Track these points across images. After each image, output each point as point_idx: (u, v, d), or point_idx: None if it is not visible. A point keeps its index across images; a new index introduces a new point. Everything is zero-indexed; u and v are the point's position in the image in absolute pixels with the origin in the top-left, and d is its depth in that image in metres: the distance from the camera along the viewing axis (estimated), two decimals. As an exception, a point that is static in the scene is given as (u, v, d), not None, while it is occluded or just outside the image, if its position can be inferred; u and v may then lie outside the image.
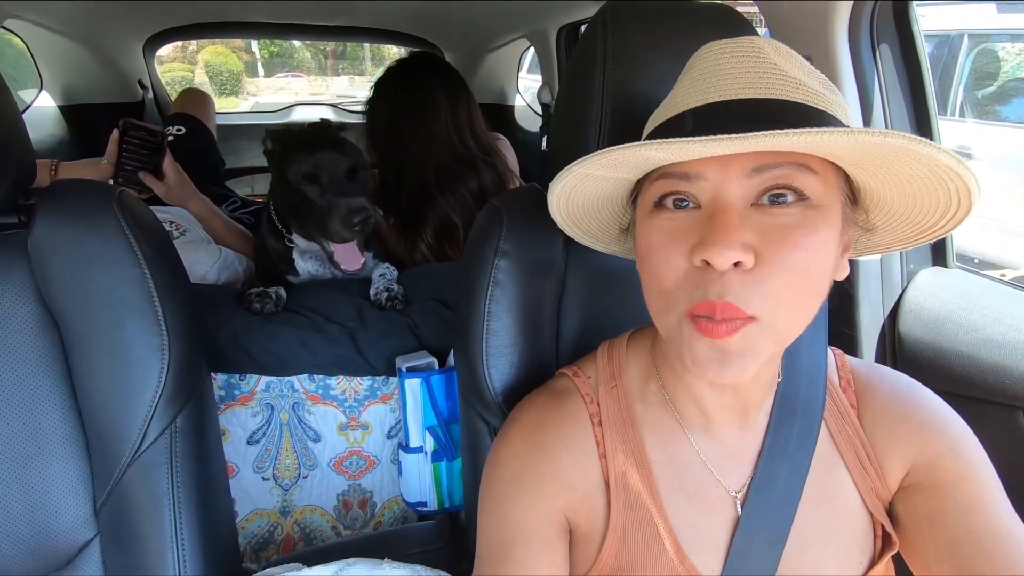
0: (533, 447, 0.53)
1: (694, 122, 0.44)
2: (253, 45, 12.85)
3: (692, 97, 0.45)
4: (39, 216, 0.61)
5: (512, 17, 1.85)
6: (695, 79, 0.45)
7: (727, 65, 0.44)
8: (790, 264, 0.41)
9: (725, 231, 0.40)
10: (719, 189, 0.42)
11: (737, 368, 0.43)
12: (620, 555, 0.51)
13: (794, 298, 0.42)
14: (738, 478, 0.52)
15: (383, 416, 1.03)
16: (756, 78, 0.43)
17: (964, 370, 0.78)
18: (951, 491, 0.48)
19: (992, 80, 3.65)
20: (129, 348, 0.63)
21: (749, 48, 0.44)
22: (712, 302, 0.41)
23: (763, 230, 0.41)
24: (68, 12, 1.70)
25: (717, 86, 0.44)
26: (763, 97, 0.42)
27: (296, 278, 1.13)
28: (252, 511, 1.04)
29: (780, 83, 0.42)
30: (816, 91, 0.43)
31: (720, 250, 0.40)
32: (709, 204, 0.43)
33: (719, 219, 0.41)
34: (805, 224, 0.42)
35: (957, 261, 0.92)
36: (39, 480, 0.62)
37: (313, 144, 1.00)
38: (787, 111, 0.42)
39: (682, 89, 0.46)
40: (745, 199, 0.42)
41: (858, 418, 0.53)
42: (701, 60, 0.46)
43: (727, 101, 0.43)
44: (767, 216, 0.42)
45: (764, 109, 0.42)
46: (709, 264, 0.41)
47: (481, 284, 0.66)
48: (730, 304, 0.41)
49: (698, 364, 0.43)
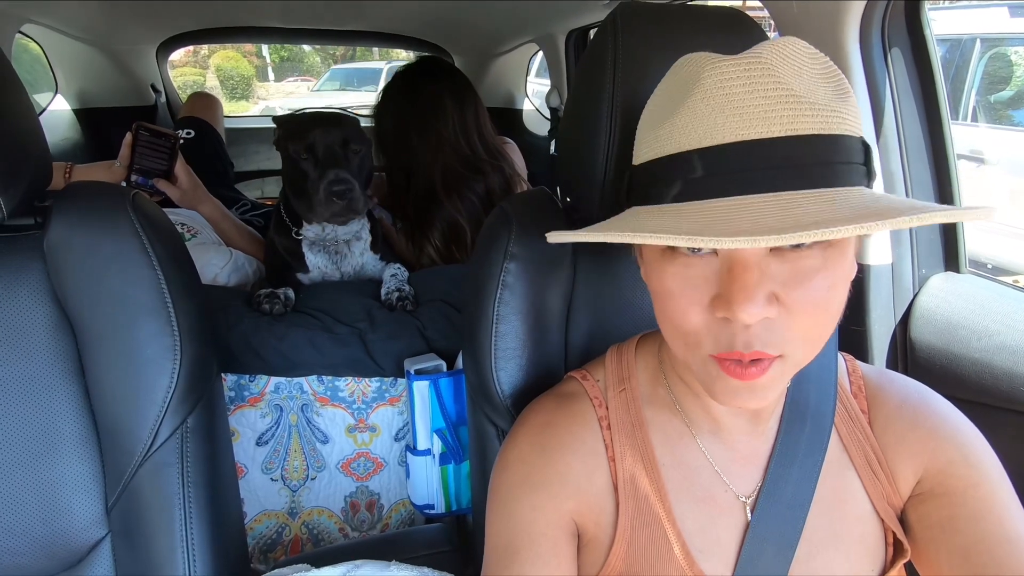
0: (541, 449, 0.53)
1: (703, 167, 0.40)
2: (264, 49, 12.96)
3: (696, 132, 0.41)
4: (54, 218, 0.62)
5: (521, 21, 1.86)
6: (697, 108, 0.41)
7: (734, 93, 0.40)
8: (813, 306, 0.41)
9: (746, 289, 0.39)
10: None
11: (762, 397, 0.43)
12: (628, 559, 0.51)
13: (817, 330, 0.42)
14: (748, 483, 0.52)
15: (391, 418, 1.04)
16: (768, 108, 0.39)
17: (977, 376, 0.77)
18: (963, 498, 0.47)
19: (1005, 84, 3.61)
20: (142, 348, 0.63)
21: (758, 69, 0.40)
22: (740, 351, 0.41)
23: (784, 277, 0.40)
24: (83, 17, 1.72)
25: (724, 123, 0.40)
26: (778, 136, 0.39)
27: (306, 275, 1.14)
28: (260, 512, 1.04)
29: (793, 111, 0.39)
30: (829, 108, 0.40)
31: (745, 308, 0.39)
32: (726, 255, 0.41)
33: (740, 275, 0.39)
34: (826, 266, 0.41)
35: (970, 266, 0.91)
36: (52, 479, 0.63)
37: (314, 121, 1.05)
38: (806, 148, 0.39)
39: (682, 118, 0.41)
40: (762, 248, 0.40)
41: (869, 424, 0.53)
42: (704, 84, 0.41)
43: (738, 143, 0.39)
44: (787, 262, 0.41)
45: (781, 151, 0.39)
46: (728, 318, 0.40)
47: (490, 287, 0.66)
48: (758, 352, 0.41)
49: (725, 398, 0.44)
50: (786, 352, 0.42)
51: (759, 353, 0.41)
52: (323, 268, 1.14)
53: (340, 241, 1.14)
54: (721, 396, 0.44)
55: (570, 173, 0.67)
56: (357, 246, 1.16)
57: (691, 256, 0.42)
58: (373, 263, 1.18)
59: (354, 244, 1.15)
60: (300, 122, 1.07)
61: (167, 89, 2.35)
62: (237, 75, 11.43)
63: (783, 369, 0.43)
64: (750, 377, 0.42)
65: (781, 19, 0.94)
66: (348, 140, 1.04)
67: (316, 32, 2.32)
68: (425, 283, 1.10)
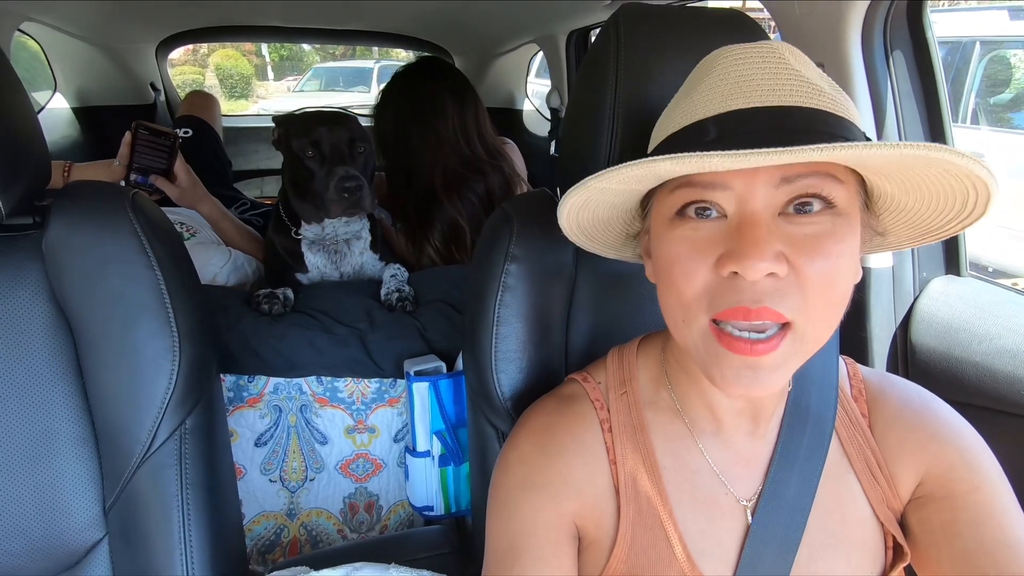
0: (542, 452, 0.53)
1: (717, 131, 0.42)
2: (263, 48, 12.95)
3: (713, 103, 0.43)
4: (53, 217, 0.62)
5: (521, 21, 1.86)
6: (714, 84, 0.44)
7: (748, 71, 0.43)
8: (822, 273, 0.41)
9: (756, 243, 0.40)
10: (745, 199, 0.42)
11: (767, 382, 0.43)
12: (630, 561, 0.51)
13: (825, 307, 0.42)
14: (749, 486, 0.52)
15: (390, 419, 1.03)
16: (778, 84, 0.42)
17: (977, 380, 0.77)
18: (964, 502, 0.47)
19: (1004, 87, 3.62)
20: (140, 349, 0.63)
21: (769, 53, 0.43)
22: (746, 307, 0.40)
23: (792, 240, 0.41)
24: (83, 15, 1.72)
25: (739, 92, 0.42)
26: (787, 104, 0.41)
27: (306, 275, 1.13)
28: (259, 513, 1.04)
29: (802, 89, 0.42)
30: (834, 96, 0.43)
31: (753, 263, 0.39)
32: (735, 215, 0.42)
33: (748, 231, 0.40)
34: (835, 233, 0.41)
35: (970, 270, 0.91)
36: (50, 480, 0.63)
37: (317, 119, 1.05)
38: (811, 119, 0.41)
39: (700, 94, 0.44)
40: (772, 208, 0.42)
41: (869, 427, 0.53)
42: (720, 64, 0.44)
43: (751, 108, 0.42)
44: (795, 225, 0.41)
45: (789, 117, 0.41)
46: (737, 275, 0.40)
47: (491, 288, 0.66)
48: (766, 308, 0.40)
49: (727, 379, 0.43)
50: (796, 320, 0.41)
51: (767, 311, 0.40)
52: (322, 268, 1.14)
53: (340, 241, 1.14)
54: (723, 378, 0.43)
55: (572, 174, 0.67)
56: (357, 246, 1.15)
57: (700, 220, 0.43)
58: (373, 263, 1.17)
59: (354, 244, 1.15)
60: (303, 120, 1.07)
61: (166, 88, 2.34)
62: (237, 74, 11.42)
63: (792, 347, 0.42)
64: (757, 353, 0.41)
65: (782, 20, 0.94)
66: (353, 138, 1.05)
67: (316, 31, 2.31)
68: (425, 284, 1.10)
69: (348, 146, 1.04)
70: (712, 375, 0.44)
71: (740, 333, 0.42)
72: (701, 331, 0.44)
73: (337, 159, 1.02)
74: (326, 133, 1.03)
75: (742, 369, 0.42)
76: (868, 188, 0.46)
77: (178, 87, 2.50)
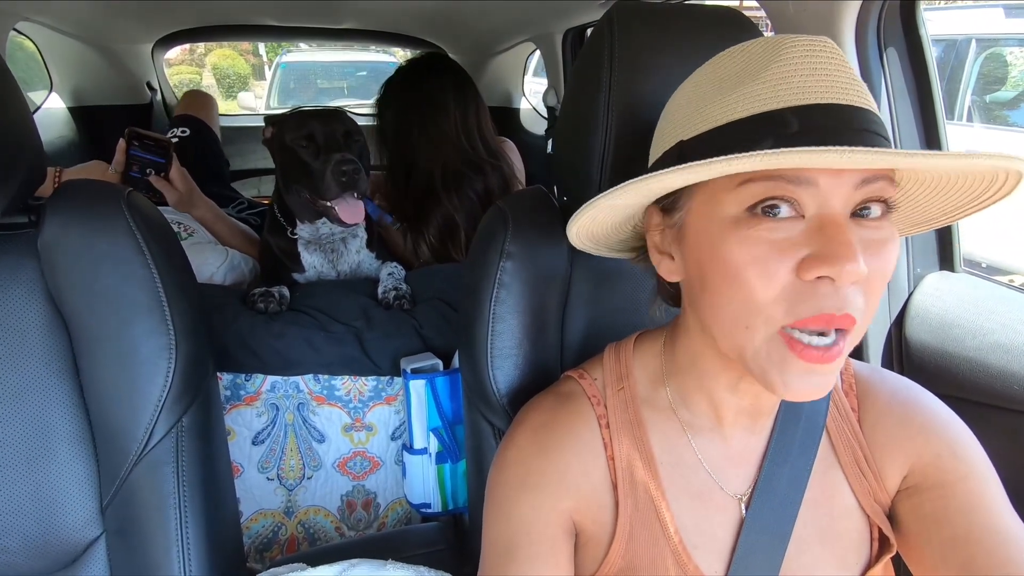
0: (539, 449, 0.53)
1: (799, 123, 0.40)
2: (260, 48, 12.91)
3: (788, 94, 0.41)
4: (49, 216, 0.62)
5: (518, 20, 1.86)
6: (787, 73, 0.41)
7: (821, 64, 0.41)
8: (883, 277, 0.41)
9: (849, 246, 0.38)
10: (828, 198, 0.40)
11: (828, 386, 0.42)
12: (627, 556, 0.51)
13: (875, 307, 0.42)
14: (743, 480, 0.52)
15: (387, 417, 1.04)
16: (848, 83, 0.41)
17: (971, 375, 0.77)
18: (953, 490, 0.48)
19: (1000, 85, 3.63)
20: (137, 347, 0.63)
21: (833, 48, 0.42)
22: (831, 314, 0.39)
23: (865, 244, 0.40)
24: (78, 15, 1.71)
25: (817, 86, 0.40)
26: (857, 105, 0.41)
27: (302, 275, 1.14)
28: (256, 511, 1.04)
29: (863, 91, 0.41)
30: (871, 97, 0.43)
31: (850, 266, 0.38)
32: (817, 216, 0.40)
33: (837, 233, 0.39)
34: (893, 238, 0.42)
35: (964, 266, 0.92)
36: (47, 478, 0.63)
37: (310, 115, 1.07)
38: (873, 121, 0.41)
39: (768, 83, 0.41)
40: (847, 210, 0.40)
41: (858, 421, 0.53)
42: (791, 53, 0.41)
43: (832, 104, 0.40)
44: (867, 230, 0.41)
45: (862, 118, 0.40)
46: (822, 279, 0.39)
47: (486, 286, 0.66)
48: (849, 315, 0.40)
49: (792, 386, 0.42)
50: (860, 322, 0.41)
51: (848, 317, 0.40)
52: (319, 267, 1.14)
53: (336, 239, 1.14)
54: (788, 385, 0.42)
55: (567, 171, 0.67)
56: (353, 244, 1.16)
57: (775, 220, 0.41)
58: (369, 261, 1.18)
59: (350, 242, 1.15)
60: (296, 117, 1.08)
61: (163, 87, 2.34)
62: (234, 74, 11.38)
63: (848, 348, 0.42)
64: (828, 360, 0.40)
65: (777, 19, 0.94)
66: (348, 130, 1.07)
67: (312, 31, 2.31)
68: (422, 282, 1.10)
69: (343, 137, 1.05)
70: (773, 381, 0.42)
71: (810, 340, 0.41)
72: (768, 337, 0.42)
73: (333, 147, 1.03)
74: (319, 126, 1.04)
75: (808, 375, 0.41)
76: None
77: (175, 87, 2.50)
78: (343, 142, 1.05)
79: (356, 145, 1.07)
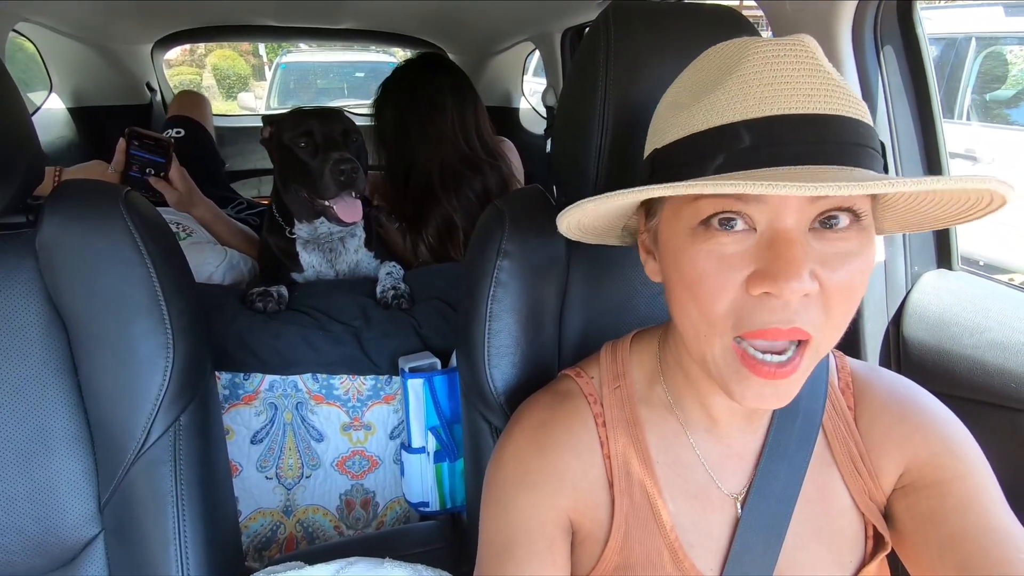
0: (537, 447, 0.53)
1: (751, 138, 0.40)
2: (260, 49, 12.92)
3: (745, 105, 0.40)
4: (47, 215, 0.62)
5: (517, 20, 1.86)
6: (745, 83, 0.41)
7: (783, 71, 0.40)
8: (847, 289, 0.41)
9: (793, 264, 0.38)
10: (779, 213, 0.40)
11: (787, 396, 0.43)
12: (623, 554, 0.51)
13: (842, 319, 0.42)
14: (739, 479, 0.52)
15: (386, 416, 1.04)
16: (814, 89, 0.40)
17: (969, 373, 0.78)
18: (949, 488, 0.48)
19: (1000, 83, 3.63)
20: (134, 346, 0.63)
21: (803, 51, 0.41)
22: (779, 328, 0.40)
23: (823, 257, 0.40)
24: (78, 15, 1.72)
25: (774, 96, 0.40)
26: (824, 113, 0.39)
27: (301, 275, 1.14)
28: (255, 510, 1.04)
29: (835, 95, 0.40)
30: (858, 99, 0.41)
31: (792, 285, 0.38)
32: (768, 230, 0.40)
33: (784, 250, 0.39)
34: (861, 251, 0.41)
35: (962, 264, 0.92)
36: (45, 477, 0.63)
37: (308, 114, 1.07)
38: (848, 129, 0.40)
39: (727, 92, 0.41)
40: (803, 224, 0.40)
41: (855, 419, 0.53)
42: (750, 60, 0.41)
43: (788, 116, 0.39)
44: (825, 243, 0.40)
45: (827, 128, 0.39)
46: (769, 295, 0.39)
47: (483, 284, 0.66)
48: (796, 328, 0.40)
49: (747, 398, 0.43)
50: (817, 336, 0.41)
51: (798, 331, 0.40)
52: (318, 267, 1.14)
53: (334, 239, 1.14)
54: (744, 397, 0.43)
55: (564, 170, 0.67)
56: (351, 243, 1.16)
57: (727, 233, 0.41)
58: (368, 261, 1.18)
59: (348, 241, 1.15)
60: (294, 116, 1.08)
61: (162, 88, 2.34)
62: (233, 74, 11.39)
63: (810, 361, 0.42)
64: (781, 376, 0.41)
65: (775, 18, 0.94)
66: (346, 129, 1.07)
67: (312, 31, 2.31)
68: (421, 281, 1.10)
69: (341, 136, 1.06)
70: (732, 391, 0.43)
71: (764, 357, 0.41)
72: (723, 349, 0.43)
73: (331, 146, 1.03)
74: (318, 125, 1.04)
75: (764, 388, 0.42)
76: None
77: (175, 87, 2.50)
78: (341, 141, 1.05)
79: (354, 144, 1.08)
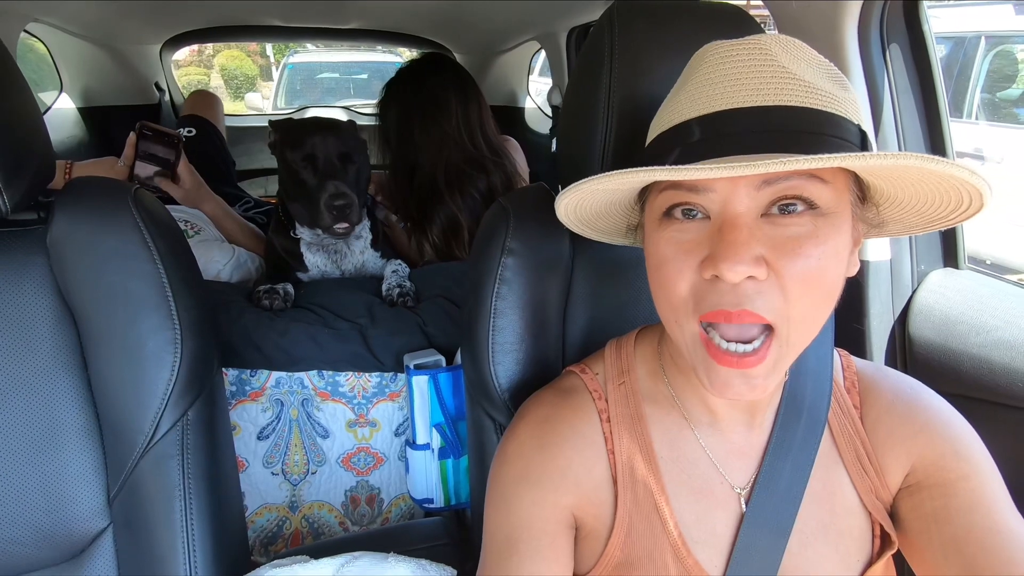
0: (541, 444, 0.54)
1: (700, 132, 0.43)
2: (268, 49, 12.98)
3: (697, 103, 0.44)
4: (57, 212, 0.63)
5: (522, 19, 1.86)
6: (699, 83, 0.44)
7: (734, 69, 0.43)
8: (802, 275, 0.41)
9: (734, 246, 0.40)
10: (728, 201, 0.42)
11: (760, 387, 0.43)
12: (626, 550, 0.51)
13: (808, 308, 0.43)
14: (744, 475, 0.52)
15: (391, 413, 1.04)
16: (763, 83, 0.42)
17: (975, 372, 0.77)
18: (954, 489, 0.48)
19: (1010, 82, 3.60)
20: (143, 342, 0.64)
21: (755, 49, 0.43)
22: (727, 310, 0.41)
23: (774, 242, 0.41)
24: (88, 16, 1.74)
25: (723, 92, 0.43)
26: (771, 104, 0.41)
27: (306, 274, 1.14)
28: (261, 505, 1.05)
29: (788, 87, 0.42)
30: (826, 91, 0.42)
31: (731, 265, 0.40)
32: (718, 216, 0.42)
33: (729, 234, 0.41)
34: (816, 235, 0.42)
35: (969, 262, 0.91)
36: (55, 470, 0.64)
37: (312, 129, 1.06)
38: (797, 118, 0.41)
39: (686, 93, 0.45)
40: (754, 210, 0.42)
41: (861, 419, 0.53)
42: (706, 62, 0.45)
43: (734, 110, 0.42)
44: (777, 227, 0.42)
45: (773, 118, 0.41)
46: (719, 278, 0.41)
47: (488, 282, 0.67)
48: (746, 311, 0.41)
49: (717, 387, 0.44)
50: (777, 323, 0.42)
51: (748, 314, 0.41)
52: (322, 267, 1.15)
53: (339, 241, 1.14)
54: (714, 385, 0.44)
55: (569, 168, 0.67)
56: (357, 245, 1.16)
57: (686, 221, 0.44)
58: (374, 260, 1.18)
59: (354, 243, 1.16)
60: (298, 129, 1.07)
61: (171, 88, 2.36)
62: (241, 75, 11.44)
63: (779, 353, 0.43)
64: (745, 366, 0.42)
65: (781, 17, 0.94)
66: (347, 151, 1.05)
67: (319, 31, 2.32)
68: (426, 279, 1.11)
69: (341, 160, 1.04)
70: (702, 380, 0.45)
71: (728, 346, 0.42)
72: (692, 335, 0.44)
73: (329, 172, 1.02)
74: (320, 144, 1.03)
75: (733, 377, 0.43)
76: (864, 182, 0.46)
77: (184, 88, 2.52)
78: (341, 167, 1.04)
79: (354, 168, 1.06)
